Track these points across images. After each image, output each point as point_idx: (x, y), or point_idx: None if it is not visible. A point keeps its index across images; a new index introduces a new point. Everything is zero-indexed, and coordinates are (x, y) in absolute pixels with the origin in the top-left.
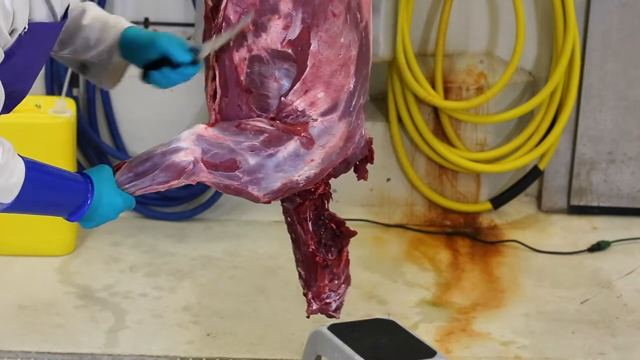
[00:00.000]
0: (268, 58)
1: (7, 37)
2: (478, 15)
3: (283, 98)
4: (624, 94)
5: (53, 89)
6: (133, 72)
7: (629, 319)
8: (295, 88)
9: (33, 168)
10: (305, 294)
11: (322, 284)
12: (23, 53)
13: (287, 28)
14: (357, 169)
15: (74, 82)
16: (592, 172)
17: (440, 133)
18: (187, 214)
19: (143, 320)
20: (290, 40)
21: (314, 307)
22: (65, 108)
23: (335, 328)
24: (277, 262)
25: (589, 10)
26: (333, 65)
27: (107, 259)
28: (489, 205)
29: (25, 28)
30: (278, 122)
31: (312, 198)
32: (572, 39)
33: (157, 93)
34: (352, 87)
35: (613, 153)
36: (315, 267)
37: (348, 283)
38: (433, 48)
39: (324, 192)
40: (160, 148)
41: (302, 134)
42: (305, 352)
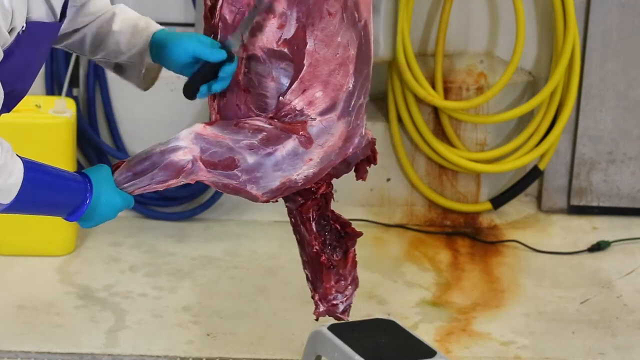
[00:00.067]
0: (265, 57)
1: (6, 36)
2: (478, 15)
3: (281, 97)
4: (624, 94)
5: (53, 89)
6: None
7: (629, 319)
8: (293, 87)
9: (31, 168)
10: (313, 296)
11: (328, 286)
12: (21, 52)
13: (282, 27)
14: (357, 169)
15: (74, 82)
16: (592, 172)
17: (440, 133)
18: (187, 214)
19: (143, 320)
20: (286, 40)
21: (321, 309)
22: (65, 108)
23: (335, 328)
24: (277, 262)
25: (589, 10)
26: (331, 65)
27: (107, 259)
28: (489, 205)
29: (24, 27)
30: (276, 121)
31: (314, 198)
32: (572, 39)
33: (157, 93)
34: (351, 86)
35: (613, 153)
36: (321, 268)
37: (356, 285)
38: (433, 48)
39: (326, 192)
40: (159, 147)
41: (300, 133)
42: (305, 352)
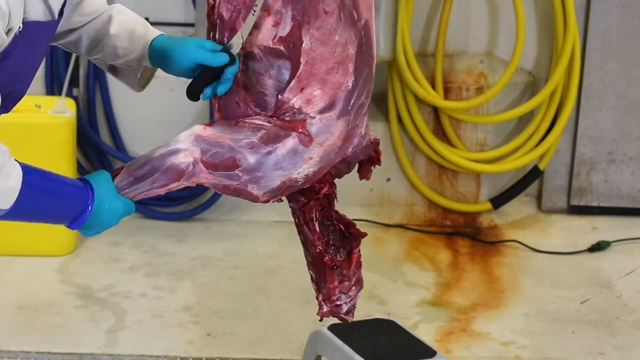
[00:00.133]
0: (261, 55)
1: (3, 37)
2: (478, 15)
3: (280, 95)
4: (624, 94)
5: (53, 89)
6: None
7: (629, 319)
8: (291, 85)
9: (30, 173)
10: (317, 297)
11: (331, 286)
12: (19, 53)
13: (277, 25)
14: (360, 169)
15: (74, 82)
16: (592, 172)
17: (440, 133)
18: (187, 214)
19: (143, 320)
20: (282, 37)
21: (325, 309)
22: (65, 108)
23: (335, 328)
24: (277, 262)
25: (589, 10)
26: (328, 63)
27: (107, 259)
28: (489, 205)
29: (20, 27)
30: (276, 119)
31: (316, 198)
32: (572, 39)
33: (157, 93)
34: (350, 85)
35: (613, 153)
36: (324, 268)
37: (360, 286)
38: (433, 48)
39: (329, 192)
40: (159, 150)
41: (299, 130)
42: (305, 352)
